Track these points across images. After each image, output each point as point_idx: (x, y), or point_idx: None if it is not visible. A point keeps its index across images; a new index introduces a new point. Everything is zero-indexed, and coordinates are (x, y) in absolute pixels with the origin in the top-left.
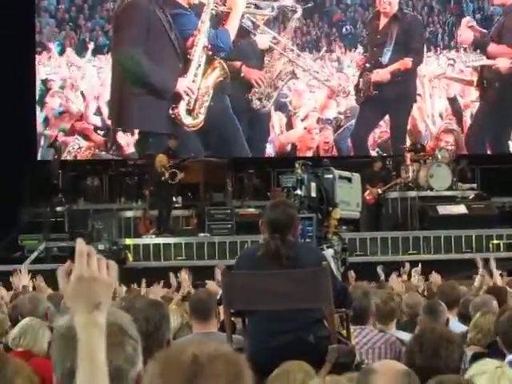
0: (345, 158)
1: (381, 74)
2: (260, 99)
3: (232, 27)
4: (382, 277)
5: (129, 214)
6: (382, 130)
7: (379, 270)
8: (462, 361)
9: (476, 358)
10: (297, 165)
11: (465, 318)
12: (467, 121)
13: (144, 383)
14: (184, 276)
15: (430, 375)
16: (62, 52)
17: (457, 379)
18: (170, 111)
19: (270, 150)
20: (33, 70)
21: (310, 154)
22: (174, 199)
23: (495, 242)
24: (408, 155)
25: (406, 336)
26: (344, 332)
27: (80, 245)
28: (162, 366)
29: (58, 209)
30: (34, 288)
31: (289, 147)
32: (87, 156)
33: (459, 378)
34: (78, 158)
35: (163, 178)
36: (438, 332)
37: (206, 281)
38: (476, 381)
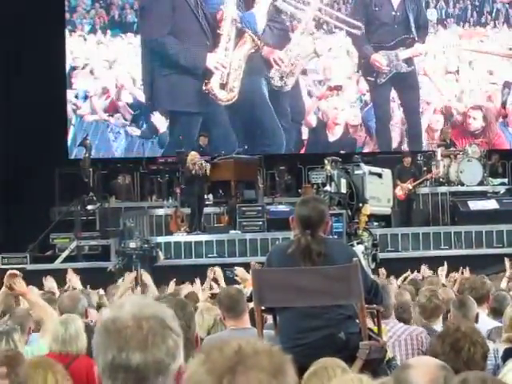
0: (374, 154)
1: None
2: (281, 77)
3: (259, 11)
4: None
5: (160, 211)
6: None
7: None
8: (485, 360)
9: (509, 353)
10: (326, 161)
11: (496, 313)
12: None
13: (187, 373)
14: (216, 274)
15: None
16: (92, 31)
17: (482, 376)
18: (204, 87)
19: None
20: (63, 51)
21: (339, 130)
22: (206, 197)
23: None
24: (438, 150)
25: None
26: (375, 328)
27: None
28: (206, 354)
29: (89, 207)
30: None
31: (314, 120)
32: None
33: (484, 375)
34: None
35: (194, 172)
36: (460, 332)
37: (235, 267)
38: (509, 375)
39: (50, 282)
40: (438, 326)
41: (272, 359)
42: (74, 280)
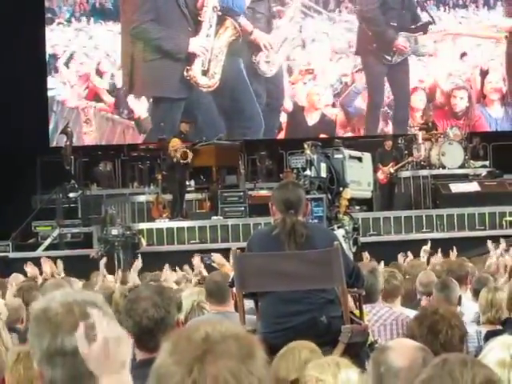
0: (355, 138)
1: None
2: (267, 62)
3: None
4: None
5: (142, 198)
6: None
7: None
8: (463, 343)
9: (491, 335)
10: (306, 145)
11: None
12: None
13: (156, 363)
14: (197, 262)
15: None
16: (71, 18)
17: (462, 358)
18: (185, 73)
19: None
20: (42, 39)
21: (317, 115)
22: (187, 183)
23: (508, 218)
24: (420, 133)
25: (410, 313)
26: (357, 312)
27: (81, 343)
28: (173, 344)
29: (71, 195)
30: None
31: (291, 105)
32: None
33: (464, 357)
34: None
35: (175, 159)
36: (438, 314)
37: (212, 253)
38: (489, 356)
39: (32, 269)
40: (398, 307)
41: (240, 344)
42: (48, 267)
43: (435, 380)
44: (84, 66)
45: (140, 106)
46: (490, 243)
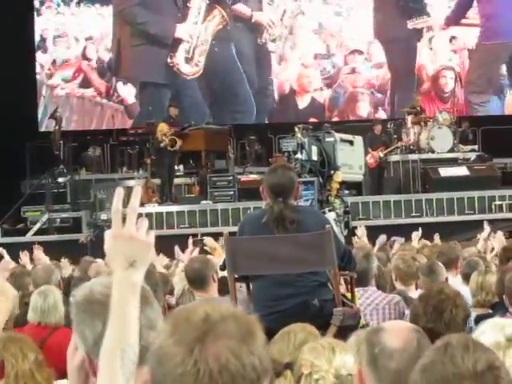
0: (345, 122)
1: None
2: (274, 40)
3: None
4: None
5: (131, 183)
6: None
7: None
8: (466, 324)
9: (480, 319)
10: (297, 129)
11: (469, 278)
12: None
13: (156, 344)
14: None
15: (433, 338)
16: (62, 2)
17: (465, 339)
18: (169, 60)
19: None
20: (31, 23)
21: (307, 98)
22: (176, 167)
23: (498, 202)
24: (409, 118)
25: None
26: (348, 295)
27: (117, 201)
28: (173, 326)
29: (60, 180)
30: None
31: (287, 88)
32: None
33: (467, 340)
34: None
35: (163, 144)
36: (444, 294)
37: (204, 237)
38: (481, 338)
39: (25, 257)
40: (413, 291)
41: (240, 324)
42: (39, 256)
43: (436, 365)
44: (73, 50)
45: (129, 91)
46: (486, 224)
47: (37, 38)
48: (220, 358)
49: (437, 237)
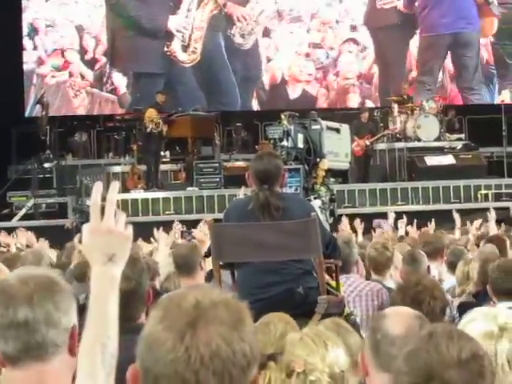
0: (332, 110)
1: None
2: (242, 35)
3: None
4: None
5: (117, 169)
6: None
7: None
8: (444, 314)
9: (463, 307)
10: (283, 116)
11: (453, 267)
12: None
13: (146, 330)
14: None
15: None
16: None
17: (450, 328)
18: (165, 48)
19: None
20: (19, 10)
21: (299, 88)
22: (162, 154)
23: (483, 192)
24: (395, 106)
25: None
26: (333, 283)
27: (95, 195)
28: (163, 312)
29: (46, 165)
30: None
31: (279, 78)
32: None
33: (451, 330)
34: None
35: (150, 129)
36: (421, 285)
37: (192, 229)
38: (470, 327)
39: (5, 238)
40: (388, 280)
41: (231, 310)
42: (24, 239)
43: (421, 353)
44: (64, 39)
45: (121, 81)
46: (492, 211)
47: (27, 27)
48: (211, 344)
49: (432, 224)
